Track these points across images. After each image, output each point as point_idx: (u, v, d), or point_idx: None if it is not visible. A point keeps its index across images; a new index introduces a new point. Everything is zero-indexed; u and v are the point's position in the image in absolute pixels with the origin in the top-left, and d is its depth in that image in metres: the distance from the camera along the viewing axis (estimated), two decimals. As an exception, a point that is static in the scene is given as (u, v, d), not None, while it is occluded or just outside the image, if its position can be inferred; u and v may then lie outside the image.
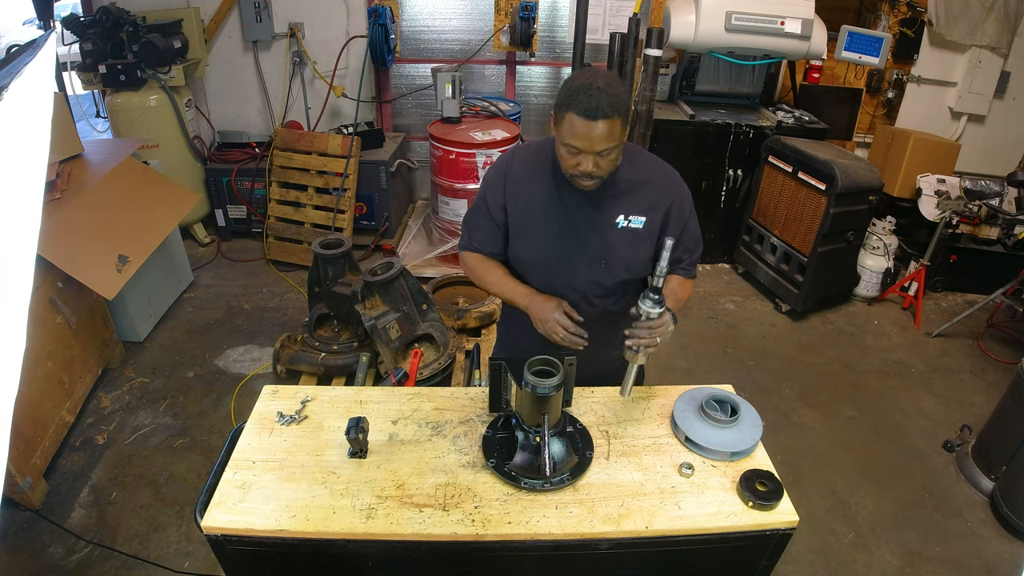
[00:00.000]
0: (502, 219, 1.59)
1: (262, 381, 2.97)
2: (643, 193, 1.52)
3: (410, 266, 3.84)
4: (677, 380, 3.20)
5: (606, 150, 1.35)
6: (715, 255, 4.44)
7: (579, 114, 1.30)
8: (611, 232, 1.52)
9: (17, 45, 2.20)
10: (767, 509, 1.30)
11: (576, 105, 1.30)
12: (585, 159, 1.36)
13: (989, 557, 2.42)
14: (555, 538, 1.26)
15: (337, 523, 1.25)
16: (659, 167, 1.58)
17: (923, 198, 4.00)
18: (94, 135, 5.25)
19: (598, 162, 1.37)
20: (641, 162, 1.56)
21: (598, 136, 1.31)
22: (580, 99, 1.30)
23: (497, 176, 1.59)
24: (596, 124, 1.30)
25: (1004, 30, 4.27)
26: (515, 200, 1.56)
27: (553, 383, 1.31)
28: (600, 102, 1.29)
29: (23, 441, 2.37)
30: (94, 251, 2.77)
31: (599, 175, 1.40)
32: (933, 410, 3.19)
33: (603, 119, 1.30)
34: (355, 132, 4.08)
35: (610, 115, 1.30)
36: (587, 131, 1.31)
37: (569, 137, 1.34)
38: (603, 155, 1.36)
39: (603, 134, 1.31)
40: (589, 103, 1.29)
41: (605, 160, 1.37)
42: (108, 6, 3.73)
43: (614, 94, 1.30)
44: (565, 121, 1.34)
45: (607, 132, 1.31)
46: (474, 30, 4.34)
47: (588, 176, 1.39)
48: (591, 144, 1.33)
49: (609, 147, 1.34)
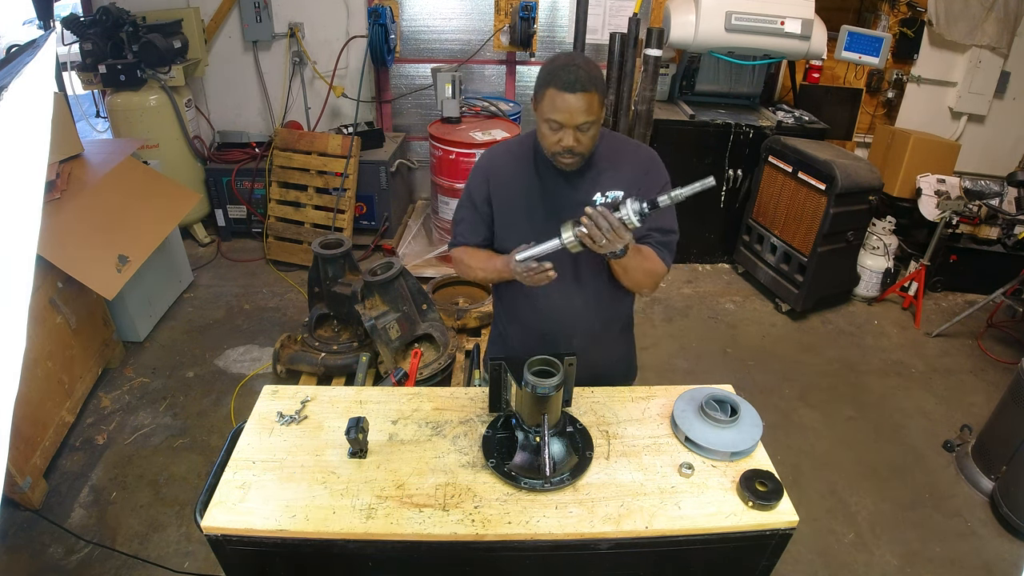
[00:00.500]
0: (487, 210, 1.64)
1: (262, 381, 2.97)
2: (619, 170, 1.56)
3: (410, 266, 3.84)
4: (677, 380, 3.20)
5: (585, 123, 1.39)
6: (715, 255, 4.44)
7: (559, 88, 1.36)
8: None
9: (17, 45, 2.20)
10: (767, 509, 1.30)
11: (556, 80, 1.37)
12: (566, 134, 1.41)
13: (989, 557, 2.42)
14: (555, 538, 1.26)
15: (337, 523, 1.25)
16: (635, 146, 1.65)
17: (923, 198, 4.00)
18: (94, 135, 5.25)
19: (578, 137, 1.41)
20: (617, 143, 1.62)
21: (578, 108, 1.37)
22: (560, 75, 1.36)
23: (479, 171, 1.65)
24: (576, 96, 1.36)
25: (1004, 30, 4.26)
26: (498, 190, 1.62)
27: (553, 383, 1.31)
28: (579, 76, 1.35)
29: (23, 441, 2.37)
30: (94, 251, 2.77)
31: (580, 151, 1.44)
32: (933, 410, 3.19)
33: (582, 91, 1.35)
34: (355, 132, 4.08)
35: (588, 88, 1.36)
36: (567, 104, 1.37)
37: (550, 111, 1.39)
38: (582, 129, 1.40)
39: (582, 106, 1.37)
40: (568, 77, 1.35)
41: (585, 136, 1.42)
42: (108, 6, 3.73)
43: (591, 71, 1.38)
44: (546, 97, 1.39)
45: (586, 105, 1.37)
46: (474, 30, 4.34)
47: (570, 152, 1.44)
48: (571, 117, 1.38)
49: (588, 120, 1.39)
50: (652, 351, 3.46)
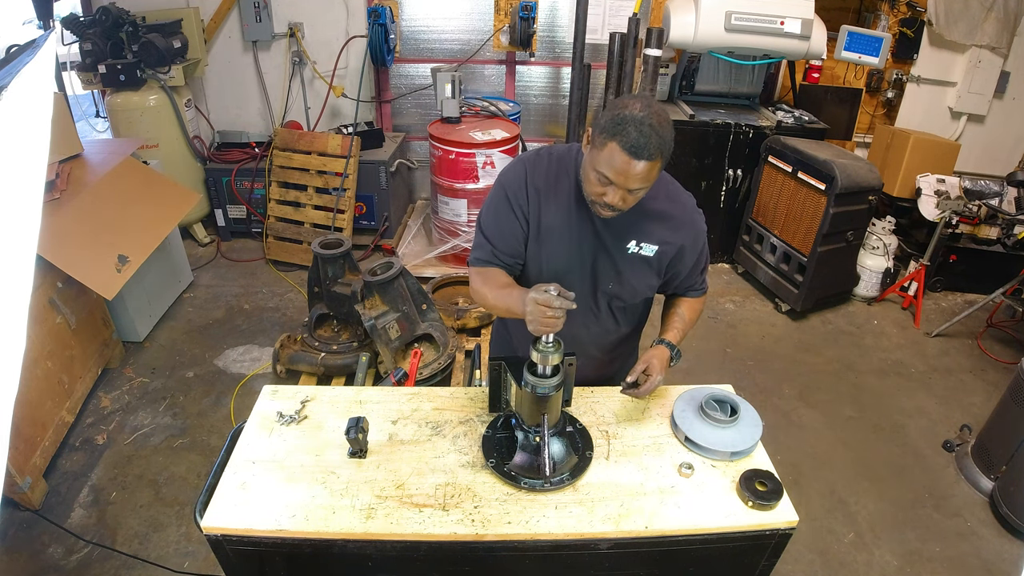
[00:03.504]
0: (526, 228, 1.48)
1: (262, 381, 2.97)
2: (660, 224, 1.47)
3: (410, 266, 3.84)
4: (677, 380, 3.18)
5: (638, 189, 1.29)
6: (715, 255, 4.44)
7: (623, 147, 1.21)
8: (622, 256, 1.48)
9: (17, 45, 2.20)
10: (767, 509, 1.30)
11: (623, 137, 1.21)
12: (613, 192, 1.29)
13: (989, 557, 2.42)
14: (555, 538, 1.26)
15: (337, 523, 1.25)
16: (681, 200, 1.51)
17: (923, 198, 4.00)
18: (94, 135, 5.25)
19: (625, 197, 1.30)
20: (665, 192, 1.48)
21: (636, 175, 1.24)
22: (629, 132, 1.21)
23: (520, 183, 1.47)
24: (639, 164, 1.22)
25: (1004, 30, 4.27)
26: (537, 212, 1.47)
27: (553, 383, 1.31)
28: (649, 141, 1.20)
29: (23, 441, 2.37)
30: (94, 251, 2.76)
31: (621, 208, 1.33)
32: (933, 410, 3.19)
33: (647, 160, 1.22)
34: (355, 132, 4.07)
35: (655, 157, 1.23)
36: (626, 167, 1.23)
37: (605, 167, 1.26)
38: (633, 192, 1.29)
39: (641, 174, 1.24)
40: (638, 140, 1.20)
41: (633, 196, 1.31)
42: (108, 6, 3.73)
43: (663, 135, 1.23)
44: (606, 149, 1.24)
45: (646, 173, 1.25)
46: (474, 30, 4.33)
47: (610, 208, 1.32)
48: (626, 181, 1.25)
49: (643, 187, 1.29)
50: (652, 351, 3.46)
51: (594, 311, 1.58)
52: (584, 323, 1.58)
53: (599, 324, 1.61)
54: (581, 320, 1.55)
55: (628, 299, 1.57)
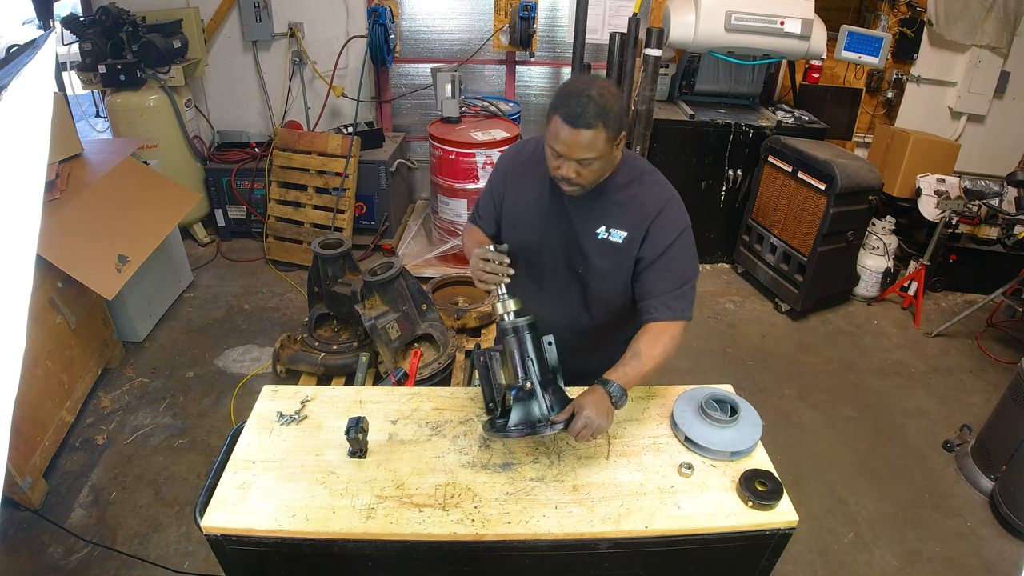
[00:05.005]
0: (500, 204, 1.62)
1: (262, 381, 2.97)
2: (631, 211, 1.47)
3: (410, 266, 3.84)
4: (677, 380, 3.17)
5: (587, 159, 1.33)
6: (715, 255, 4.44)
7: (563, 119, 1.29)
8: (591, 241, 1.50)
9: (17, 45, 2.20)
10: (767, 509, 1.30)
11: (562, 109, 1.29)
12: (565, 164, 1.35)
13: (989, 557, 2.42)
14: (555, 538, 1.26)
15: (337, 523, 1.25)
16: (657, 189, 1.49)
17: (923, 198, 4.00)
18: (94, 135, 5.25)
19: (579, 170, 1.35)
20: (642, 180, 1.49)
21: (578, 144, 1.30)
22: (568, 103, 1.28)
23: (504, 163, 1.64)
24: (578, 132, 1.28)
25: (1004, 30, 4.27)
26: (511, 191, 1.59)
27: (526, 320, 1.38)
28: (586, 110, 1.26)
29: (23, 441, 2.37)
30: (94, 251, 2.76)
31: (580, 183, 1.38)
32: (933, 410, 3.19)
33: (585, 128, 1.28)
34: (355, 132, 4.07)
35: (593, 125, 1.28)
36: (568, 137, 1.30)
37: (552, 139, 1.34)
38: (584, 164, 1.34)
39: (583, 143, 1.29)
40: (575, 109, 1.27)
41: (587, 170, 1.35)
42: (108, 6, 3.73)
43: (603, 104, 1.27)
44: (552, 123, 1.33)
45: (588, 142, 1.29)
46: (474, 30, 4.33)
47: (568, 182, 1.38)
48: (570, 150, 1.32)
49: (589, 157, 1.32)
50: (652, 351, 3.46)
51: (566, 293, 1.60)
52: (557, 305, 1.61)
53: (571, 308, 1.62)
54: (554, 301, 1.60)
55: (596, 285, 1.56)
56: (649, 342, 1.44)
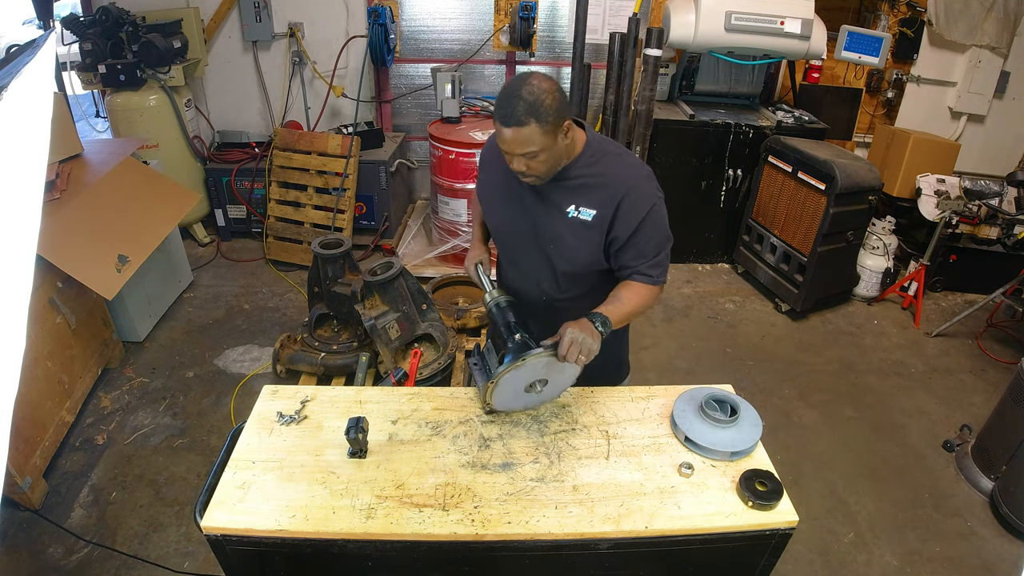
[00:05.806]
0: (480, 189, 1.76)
1: (262, 381, 2.97)
2: (600, 189, 1.51)
3: (410, 266, 3.84)
4: (677, 380, 3.20)
5: (529, 153, 1.38)
6: (715, 255, 4.44)
7: (498, 120, 1.37)
8: (560, 220, 1.55)
9: (17, 45, 2.20)
10: (767, 509, 1.30)
11: (497, 111, 1.37)
12: (514, 160, 1.42)
13: (989, 557, 2.42)
14: (555, 538, 1.26)
15: (337, 523, 1.25)
16: (624, 168, 1.54)
17: (923, 198, 4.00)
18: (94, 135, 5.25)
19: (528, 164, 1.42)
20: (609, 161, 1.53)
21: (515, 141, 1.36)
22: (500, 105, 1.36)
23: (483, 150, 1.74)
24: (512, 130, 1.35)
25: (1004, 30, 4.27)
26: (484, 175, 1.71)
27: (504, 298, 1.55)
28: (514, 110, 1.33)
29: (23, 441, 2.37)
30: (94, 251, 2.76)
31: (533, 174, 1.45)
32: (933, 410, 3.19)
33: (515, 126, 1.34)
34: (355, 132, 4.07)
35: (525, 122, 1.33)
36: (505, 136, 1.37)
37: (498, 141, 1.42)
38: (529, 157, 1.40)
39: (520, 139, 1.36)
40: (505, 110, 1.35)
41: (535, 162, 1.41)
42: (108, 6, 3.73)
43: (532, 100, 1.33)
44: (495, 127, 1.41)
45: (524, 137, 1.35)
46: (474, 30, 4.33)
47: (522, 174, 1.46)
48: (510, 147, 1.39)
49: (531, 151, 1.38)
50: (652, 351, 3.47)
51: (539, 270, 1.65)
52: (532, 281, 1.68)
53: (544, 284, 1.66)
54: (529, 278, 1.68)
55: (567, 262, 1.59)
56: (631, 290, 1.55)
